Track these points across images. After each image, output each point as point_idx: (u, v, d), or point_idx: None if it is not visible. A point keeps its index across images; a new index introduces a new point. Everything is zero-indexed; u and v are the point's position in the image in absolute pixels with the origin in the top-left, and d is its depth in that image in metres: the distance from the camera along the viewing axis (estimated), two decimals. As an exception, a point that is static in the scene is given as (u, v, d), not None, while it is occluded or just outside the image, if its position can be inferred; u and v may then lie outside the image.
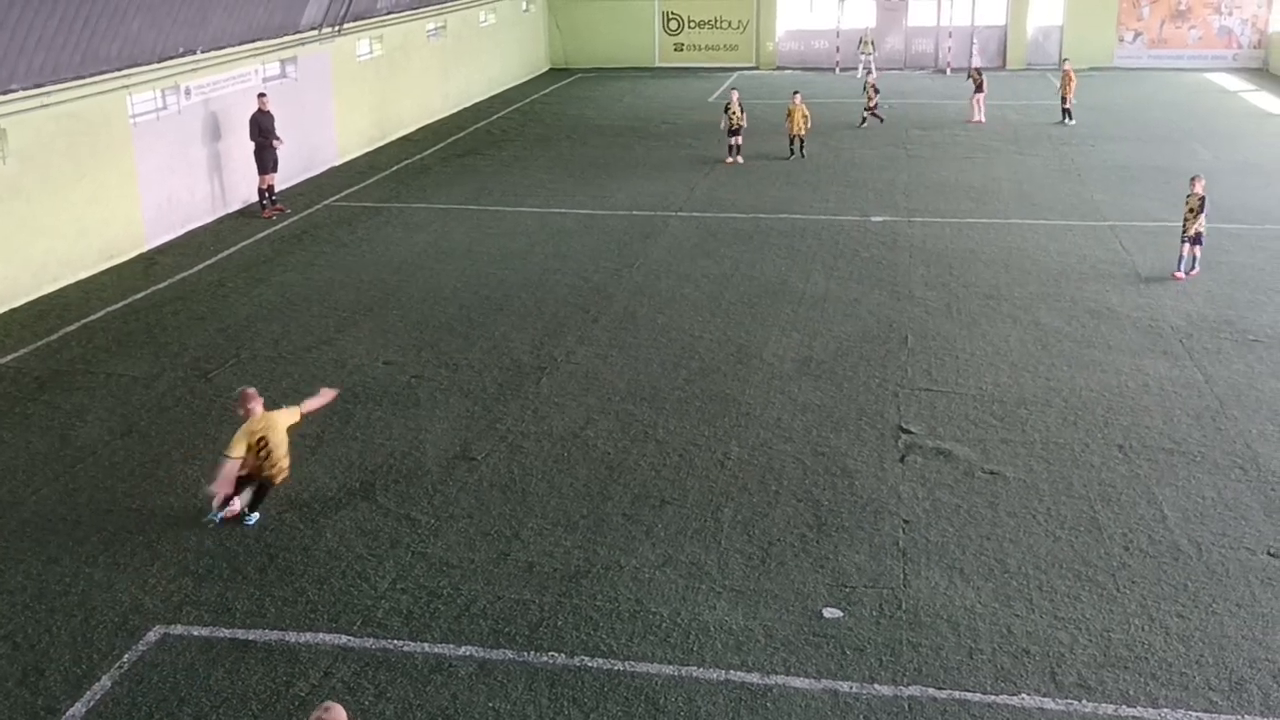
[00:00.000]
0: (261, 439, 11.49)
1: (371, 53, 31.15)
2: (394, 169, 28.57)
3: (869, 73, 40.30)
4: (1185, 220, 18.82)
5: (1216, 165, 26.42)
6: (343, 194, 26.00)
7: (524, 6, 43.25)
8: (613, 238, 21.95)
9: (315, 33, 27.32)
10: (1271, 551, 10.81)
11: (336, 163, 28.89)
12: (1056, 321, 17.03)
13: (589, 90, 41.11)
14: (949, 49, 44.07)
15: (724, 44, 45.93)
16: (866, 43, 42.69)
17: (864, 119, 32.91)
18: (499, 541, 11.28)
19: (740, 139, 28.47)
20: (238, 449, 11.34)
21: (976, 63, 41.65)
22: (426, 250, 21.47)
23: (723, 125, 28.95)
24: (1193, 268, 18.83)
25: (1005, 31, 44.25)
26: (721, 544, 11.14)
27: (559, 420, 14.01)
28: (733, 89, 30.06)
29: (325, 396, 12.58)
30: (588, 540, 11.26)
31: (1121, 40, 43.29)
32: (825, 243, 21.37)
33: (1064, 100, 32.63)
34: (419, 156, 30.03)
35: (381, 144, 31.33)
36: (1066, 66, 33.29)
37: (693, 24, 45.94)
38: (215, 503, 11.60)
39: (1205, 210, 18.55)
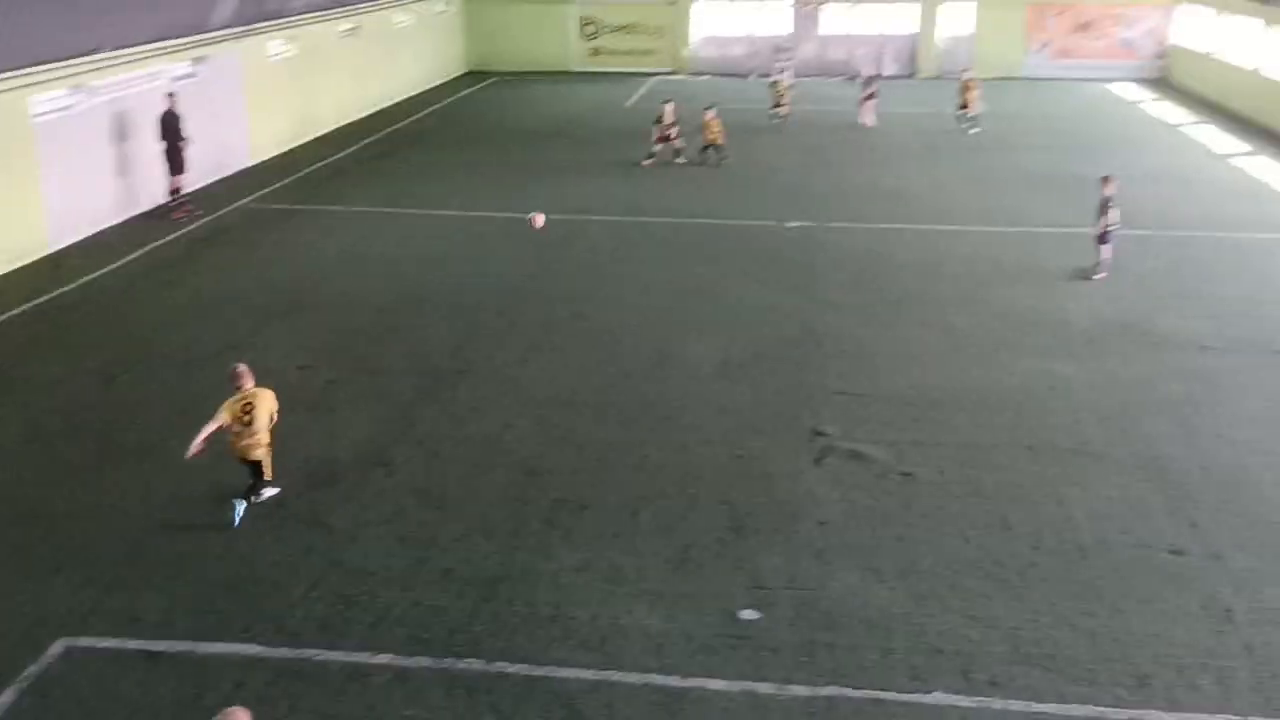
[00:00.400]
0: (247, 403, 11.50)
1: (284, 53, 30.71)
2: (308, 171, 28.19)
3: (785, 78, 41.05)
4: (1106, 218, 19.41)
5: (1120, 173, 27.02)
6: (255, 195, 25.58)
7: (440, 8, 42.96)
8: (531, 242, 21.86)
9: (226, 31, 26.85)
10: (1173, 549, 11.13)
11: (249, 163, 28.42)
12: (967, 324, 17.35)
13: (507, 93, 40.96)
14: (861, 57, 44.64)
15: (641, 49, 46.04)
16: (785, 50, 43.29)
17: (774, 117, 33.79)
18: (416, 547, 11.18)
19: (676, 143, 28.60)
20: (221, 416, 11.45)
21: (874, 70, 42.32)
22: (342, 253, 21.22)
23: (655, 134, 28.93)
24: (1103, 270, 19.44)
25: (916, 40, 45.00)
26: (640, 547, 11.17)
27: (477, 425, 13.94)
28: (666, 100, 30.08)
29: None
30: (506, 545, 11.22)
31: (1029, 51, 44.26)
32: (742, 247, 21.54)
33: (964, 108, 33.28)
34: (334, 158, 29.67)
35: (296, 145, 30.89)
36: (966, 77, 33.96)
37: (610, 29, 46.00)
38: (195, 444, 11.36)
39: (1107, 209, 19.25)
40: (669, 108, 29.04)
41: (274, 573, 10.73)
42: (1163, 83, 42.51)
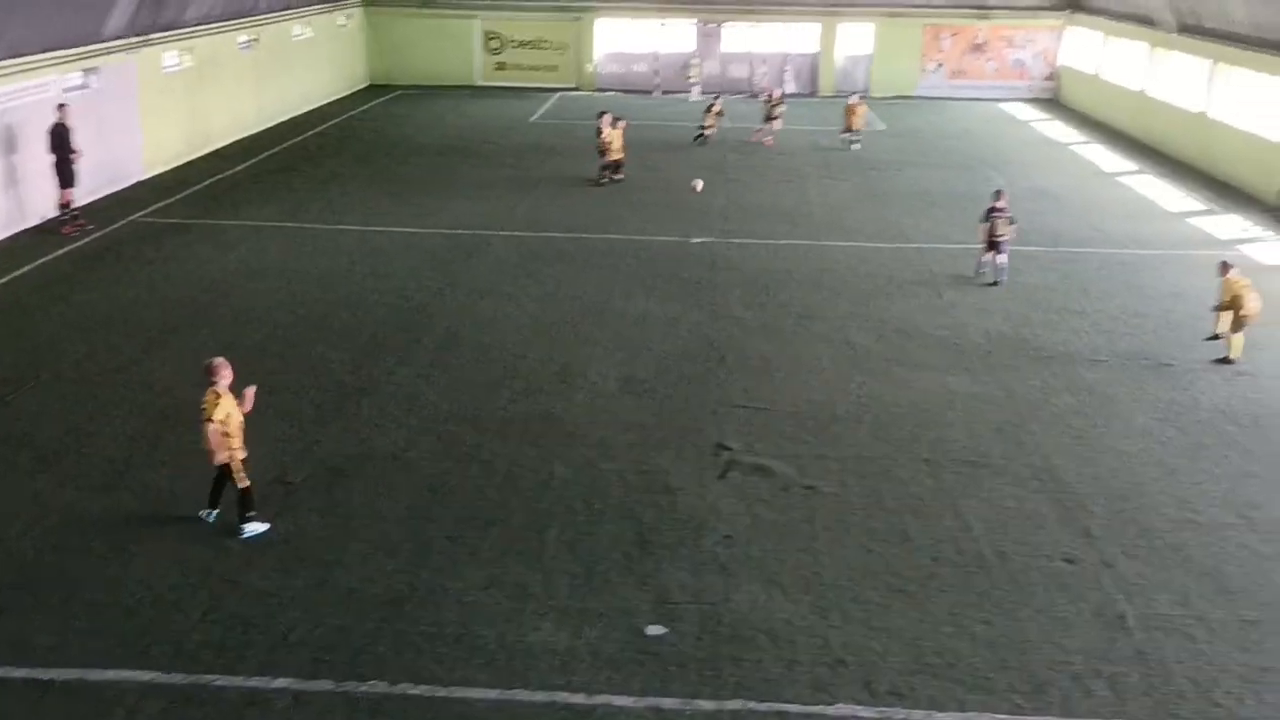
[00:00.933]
0: (226, 414, 11.25)
1: (180, 64, 30.06)
2: (205, 184, 27.62)
3: (699, 94, 42.27)
4: (993, 232, 20.38)
5: (1012, 191, 27.72)
6: (149, 210, 24.98)
7: (341, 21, 42.49)
8: (434, 257, 21.73)
9: (120, 42, 26.22)
10: (1067, 558, 11.43)
11: (143, 177, 27.75)
12: (867, 340, 17.64)
13: (410, 107, 40.63)
14: (763, 75, 45.26)
15: (545, 64, 46.05)
16: (694, 67, 43.76)
17: (701, 137, 34.13)
18: (318, 568, 10.99)
19: (610, 159, 28.38)
20: (215, 412, 11.14)
21: (778, 91, 43.03)
22: (239, 269, 20.82)
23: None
24: (999, 276, 20.46)
25: (816, 59, 45.72)
26: (546, 564, 11.13)
27: (380, 442, 13.77)
28: (603, 111, 30.15)
29: (248, 396, 11.71)
30: (410, 564, 11.09)
31: (924, 70, 45.26)
32: (646, 263, 21.63)
33: (848, 130, 33.99)
34: (231, 172, 29.12)
35: (191, 158, 30.25)
36: (852, 101, 34.60)
37: (514, 44, 45.91)
38: (216, 460, 11.33)
39: (1012, 220, 20.46)
40: (606, 118, 28.76)
41: (171, 595, 10.46)
42: (1053, 103, 43.81)
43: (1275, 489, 12.93)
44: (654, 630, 10.09)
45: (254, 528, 11.54)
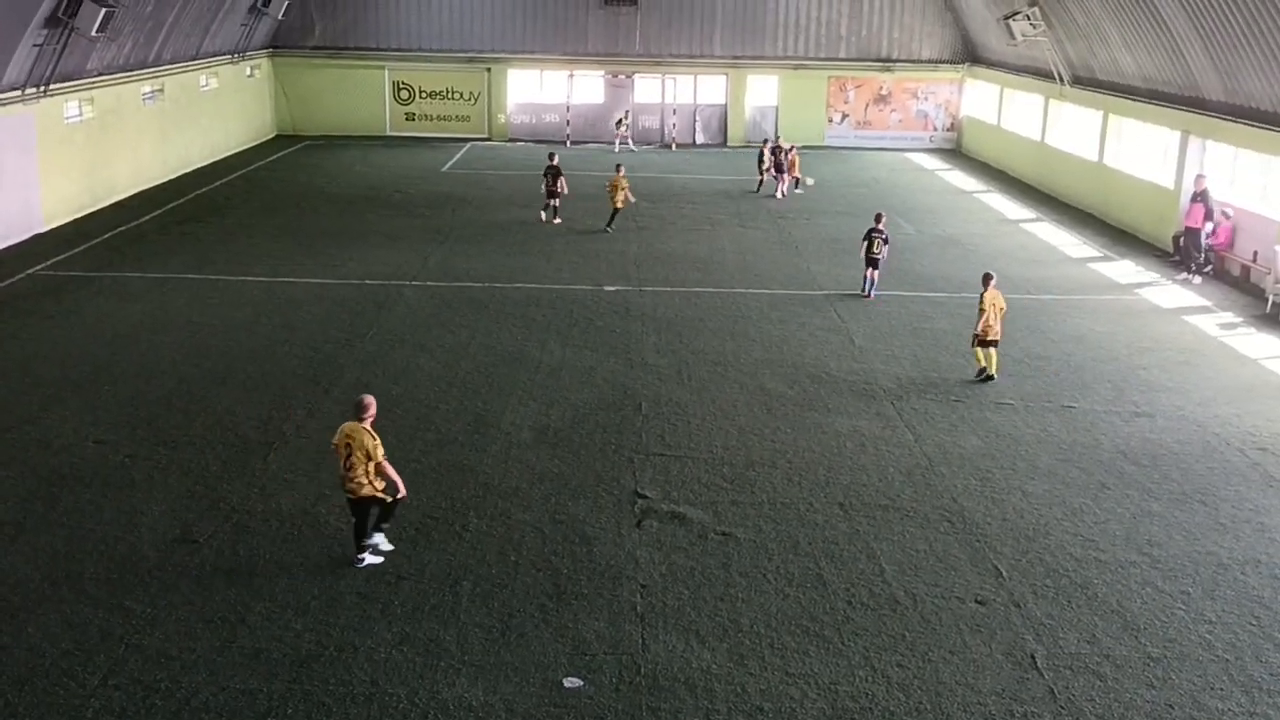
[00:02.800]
0: (347, 441, 11.56)
1: (81, 115, 29.50)
2: (107, 236, 27.04)
3: (627, 145, 43.26)
4: (870, 250, 22.83)
5: (919, 239, 28.46)
6: (49, 262, 24.37)
7: (248, 72, 42.11)
8: (344, 308, 21.48)
9: (16, 93, 25.67)
10: (978, 599, 11.56)
11: (42, 229, 27.09)
12: (780, 386, 17.79)
13: (318, 158, 40.32)
14: (674, 125, 45.82)
15: (456, 115, 46.09)
16: (624, 121, 44.16)
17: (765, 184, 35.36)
18: (223, 628, 10.70)
19: (556, 201, 29.59)
20: (378, 450, 11.61)
21: (701, 139, 43.74)
22: (142, 322, 20.36)
23: (542, 188, 29.97)
24: (872, 287, 22.94)
25: (725, 110, 46.40)
26: (461, 618, 10.96)
27: (288, 497, 13.49)
28: (553, 155, 30.94)
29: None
30: (320, 622, 10.84)
31: (831, 121, 46.16)
32: (560, 312, 21.62)
33: (795, 178, 34.98)
34: (135, 223, 28.56)
35: (93, 210, 29.63)
36: (794, 155, 35.42)
37: (424, 94, 45.90)
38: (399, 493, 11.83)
39: (886, 240, 23.05)
40: (557, 158, 30.24)
41: (67, 662, 10.09)
42: (955, 152, 44.95)
43: (1175, 527, 13.25)
44: (571, 683, 9.97)
45: (373, 559, 11.93)
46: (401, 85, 45.74)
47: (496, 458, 14.79)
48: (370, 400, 11.90)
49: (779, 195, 34.75)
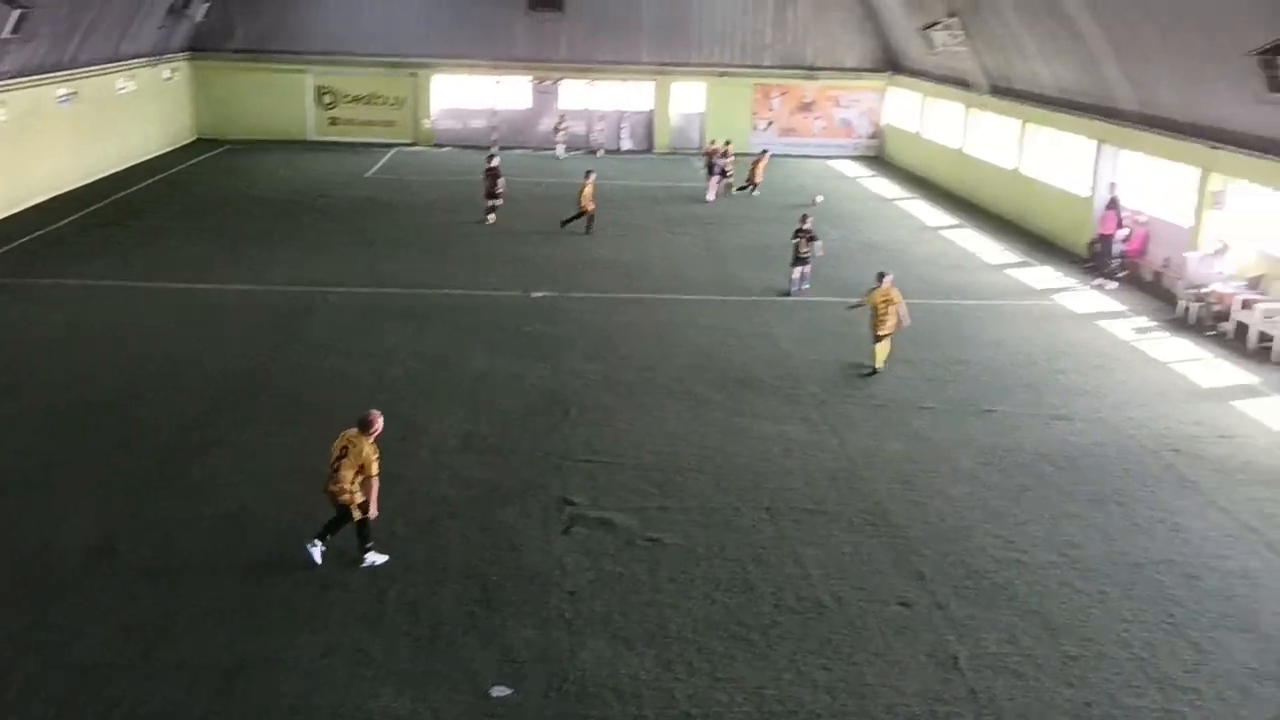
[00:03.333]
0: (344, 446, 11.77)
1: (-6, 116, 28.83)
2: (23, 241, 26.43)
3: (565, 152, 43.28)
4: (797, 250, 23.77)
5: (844, 245, 28.79)
6: (-40, 268, 23.79)
7: (166, 75, 41.40)
8: (270, 314, 21.22)
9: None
10: (902, 601, 11.76)
11: (-48, 234, 26.43)
12: (707, 391, 17.92)
13: (240, 162, 39.76)
14: (600, 132, 45.89)
15: (380, 119, 45.71)
16: (563, 128, 44.19)
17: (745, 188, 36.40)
18: (146, 637, 10.53)
19: (496, 202, 30.44)
20: (373, 466, 11.75)
21: (627, 145, 43.99)
22: (62, 328, 19.93)
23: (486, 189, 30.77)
24: (801, 285, 23.89)
25: (652, 117, 46.59)
26: (387, 627, 10.90)
27: (214, 505, 13.31)
28: (492, 158, 31.82)
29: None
30: (245, 632, 10.72)
31: (755, 128, 46.54)
32: (487, 318, 21.57)
33: (751, 182, 36.09)
34: (53, 227, 27.94)
35: (9, 214, 28.93)
36: (763, 160, 36.90)
37: (348, 98, 45.47)
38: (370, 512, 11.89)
39: (813, 238, 23.95)
40: (497, 160, 31.37)
41: (-18, 678, 9.87)
42: (878, 159, 45.56)
43: (1092, 528, 13.58)
44: (499, 691, 9.97)
45: (374, 558, 12.00)
46: (324, 89, 45.26)
47: (424, 465, 14.72)
48: (376, 415, 12.05)
49: (710, 197, 35.16)
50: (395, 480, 14.15)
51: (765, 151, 38.65)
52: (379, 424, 12.03)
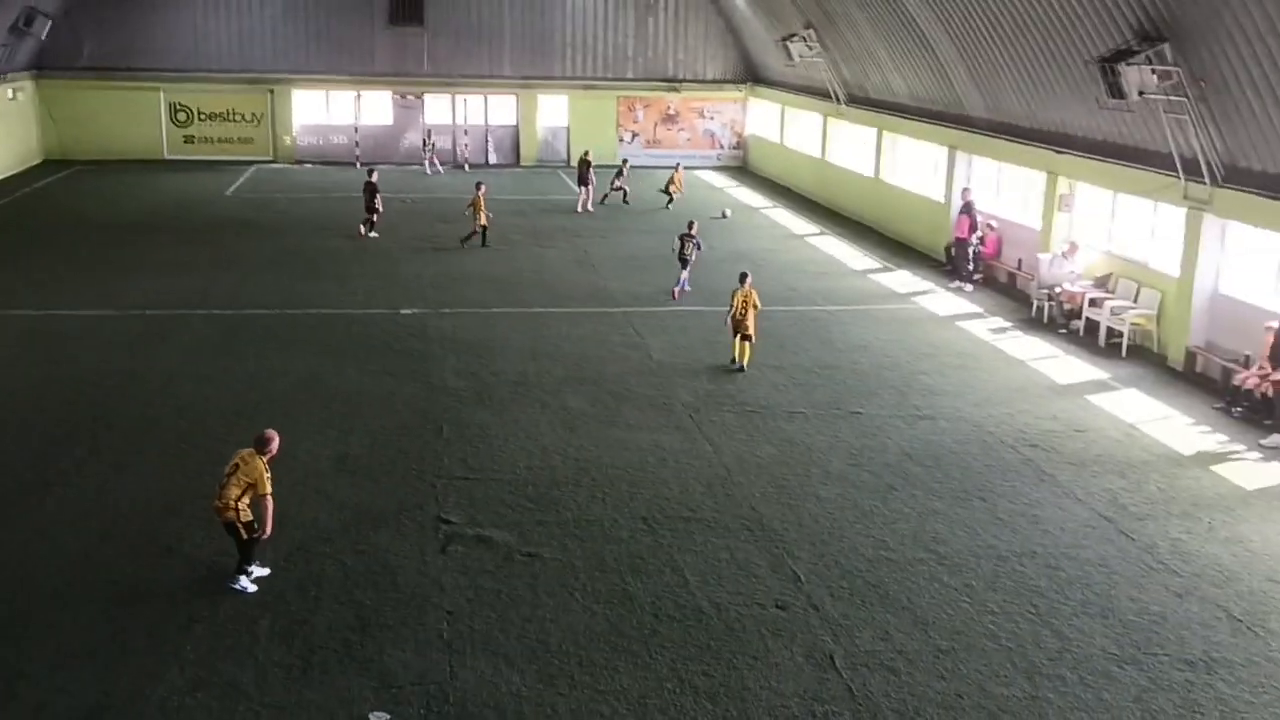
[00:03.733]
0: (235, 465, 11.66)
1: None
2: None
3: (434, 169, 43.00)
4: (681, 251, 24.82)
5: (711, 255, 29.05)
6: None
7: (10, 95, 39.77)
8: (125, 340, 20.52)
9: None
10: (779, 604, 11.92)
11: None
12: (581, 404, 17.92)
13: (91, 183, 38.41)
14: (466, 146, 45.62)
15: (239, 136, 44.67)
16: (431, 143, 43.74)
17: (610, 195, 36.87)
18: (3, 681, 10.05)
19: (375, 217, 30.55)
20: (266, 485, 11.67)
21: (494, 159, 43.89)
22: (-102, 362, 18.97)
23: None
24: (683, 288, 24.66)
25: (517, 130, 46.50)
26: (259, 658, 10.62)
27: (68, 541, 12.79)
28: (371, 172, 31.91)
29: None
30: (107, 670, 10.32)
31: (621, 140, 46.82)
32: (356, 336, 21.22)
33: (670, 190, 36.74)
34: (-115, 256, 26.60)
35: None
36: (680, 172, 37.66)
37: (203, 116, 44.32)
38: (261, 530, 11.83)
39: (698, 245, 25.05)
40: (375, 175, 31.38)
41: None
42: (743, 169, 46.26)
43: (957, 523, 13.97)
44: (377, 717, 9.78)
45: (246, 583, 11.82)
46: (179, 107, 44.06)
47: (293, 489, 14.38)
48: (273, 434, 12.06)
49: (580, 209, 35.29)
50: (264, 506, 13.84)
51: (679, 165, 39.70)
52: (275, 444, 12.01)
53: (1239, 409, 18.12)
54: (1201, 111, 19.18)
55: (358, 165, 44.02)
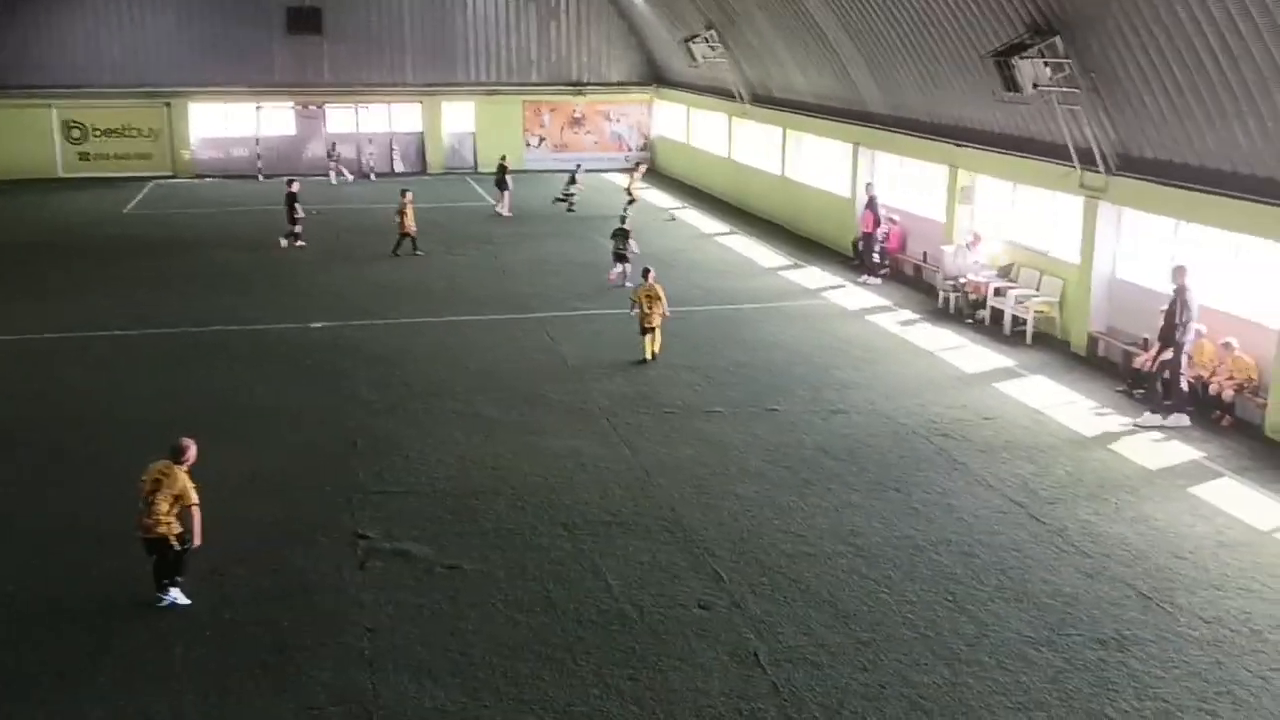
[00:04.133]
0: (156, 479, 11.50)
1: None
2: None
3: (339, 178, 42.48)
4: (616, 247, 26.35)
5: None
6: None
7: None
8: (25, 365, 19.93)
9: None
10: (701, 604, 11.96)
11: None
12: (497, 412, 17.81)
13: (-19, 204, 37.27)
14: (371, 155, 45.12)
15: (136, 152, 43.70)
16: (336, 154, 43.26)
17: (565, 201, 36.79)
18: (-98, 729, 9.72)
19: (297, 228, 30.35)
20: (192, 494, 11.60)
21: (400, 167, 43.55)
22: None
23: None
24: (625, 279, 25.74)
25: (422, 138, 46.12)
26: (175, 686, 10.36)
27: (-30, 577, 12.38)
28: (291, 183, 31.25)
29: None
30: (15, 703, 10.00)
31: (529, 145, 46.71)
32: (265, 352, 20.86)
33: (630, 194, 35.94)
34: None
35: None
36: (638, 173, 37.23)
37: (98, 132, 43.27)
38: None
39: (630, 239, 26.47)
40: (295, 187, 30.87)
41: None
42: (651, 171, 46.33)
43: (873, 515, 14.15)
44: (300, 738, 9.63)
45: (178, 595, 11.74)
46: (72, 124, 42.97)
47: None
48: (189, 443, 11.94)
49: (502, 213, 35.36)
50: (174, 530, 13.52)
51: (639, 164, 39.80)
52: (192, 451, 11.92)
53: (1140, 391, 18.61)
54: (1094, 102, 19.68)
55: (259, 178, 43.39)
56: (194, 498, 11.61)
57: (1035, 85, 19.89)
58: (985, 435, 16.93)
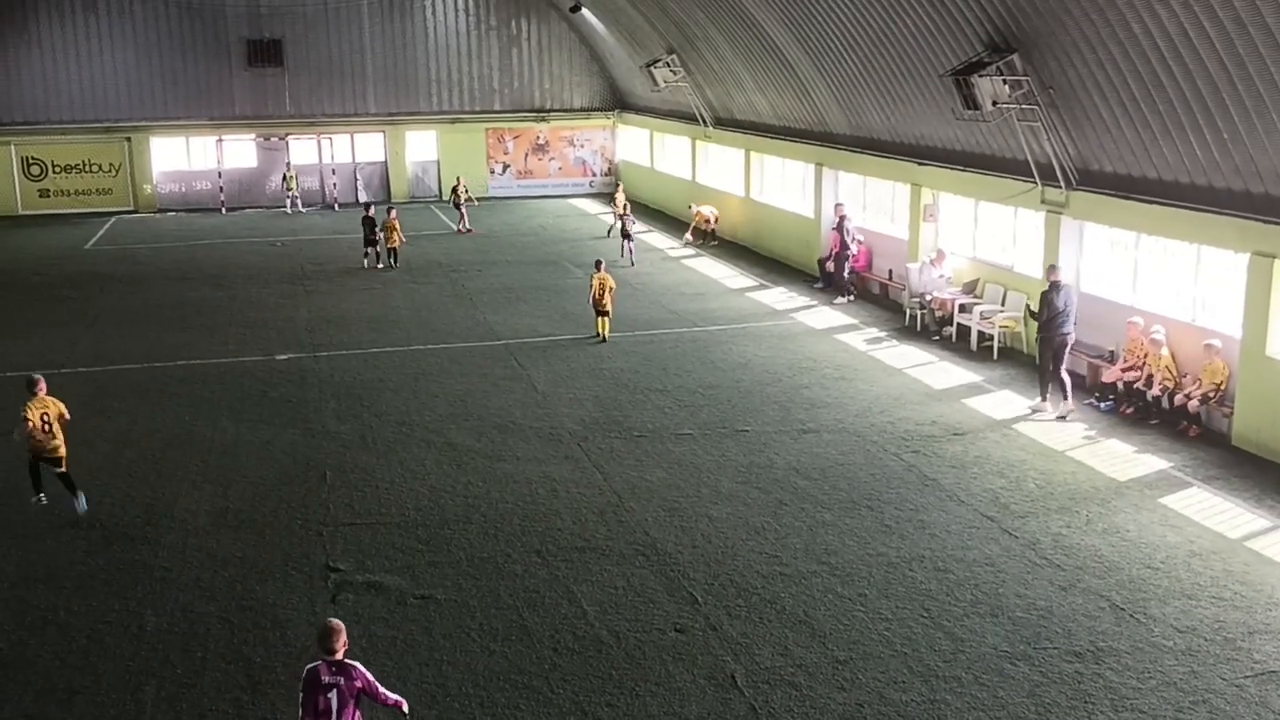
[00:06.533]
0: (45, 411, 14.43)
1: None
2: None
3: (298, 208, 42.93)
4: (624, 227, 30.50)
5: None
6: None
7: None
8: (-16, 405, 19.65)
9: None
10: (677, 628, 11.91)
11: None
12: (468, 440, 17.72)
13: (-61, 243, 36.84)
14: (335, 185, 45.01)
15: (96, 188, 43.38)
16: (290, 178, 43.16)
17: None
18: None
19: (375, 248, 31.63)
20: (31, 414, 14.45)
21: (364, 197, 43.43)
22: None
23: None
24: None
25: (386, 167, 46.05)
26: (146, 727, 10.21)
27: (-67, 622, 12.16)
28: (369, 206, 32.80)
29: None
30: (-17, 755, 9.83)
31: (493, 172, 46.73)
32: (231, 386, 20.68)
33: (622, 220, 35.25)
34: None
35: None
36: (620, 195, 36.86)
37: (58, 168, 42.93)
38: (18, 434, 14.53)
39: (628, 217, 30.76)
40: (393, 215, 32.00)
41: None
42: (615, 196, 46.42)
43: (847, 533, 14.16)
44: (275, 776, 9.49)
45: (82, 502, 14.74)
46: (32, 160, 42.61)
47: (172, 549, 13.92)
48: (40, 377, 14.90)
49: (459, 230, 35.86)
50: (140, 569, 13.36)
51: (619, 186, 40.10)
52: (41, 380, 14.84)
53: (1106, 403, 18.76)
54: (1052, 118, 19.90)
55: (222, 211, 43.17)
56: (66, 412, 14.77)
57: (994, 103, 20.10)
58: (955, 451, 17.00)
